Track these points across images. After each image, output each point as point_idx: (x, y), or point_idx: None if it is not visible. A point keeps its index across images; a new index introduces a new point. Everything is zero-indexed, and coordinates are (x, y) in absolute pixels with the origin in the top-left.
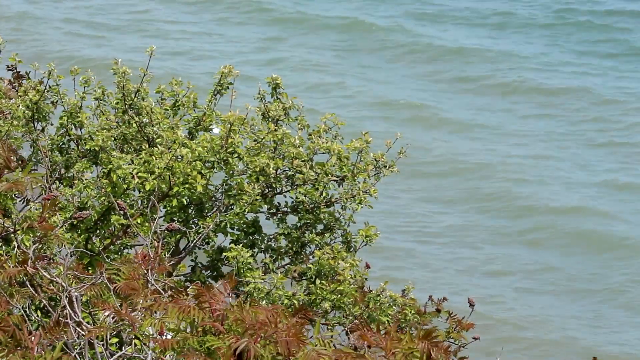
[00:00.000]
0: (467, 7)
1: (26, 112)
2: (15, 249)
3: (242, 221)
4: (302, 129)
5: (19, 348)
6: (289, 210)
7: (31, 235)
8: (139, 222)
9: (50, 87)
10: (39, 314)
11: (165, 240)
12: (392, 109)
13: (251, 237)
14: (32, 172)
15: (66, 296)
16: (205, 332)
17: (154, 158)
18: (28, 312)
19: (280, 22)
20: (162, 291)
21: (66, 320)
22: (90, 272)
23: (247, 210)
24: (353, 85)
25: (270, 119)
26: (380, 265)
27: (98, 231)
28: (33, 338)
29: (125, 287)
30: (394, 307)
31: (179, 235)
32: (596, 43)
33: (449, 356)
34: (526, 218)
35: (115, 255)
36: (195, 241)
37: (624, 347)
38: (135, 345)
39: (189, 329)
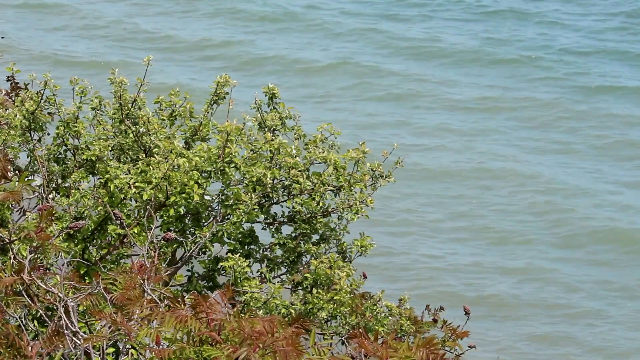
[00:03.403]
0: None
1: (23, 121)
2: (12, 258)
3: (238, 231)
4: (299, 139)
5: (17, 357)
6: (285, 220)
7: (27, 245)
8: (135, 231)
9: (41, 92)
10: (36, 324)
11: (162, 250)
12: None
13: (247, 247)
14: (27, 180)
15: (62, 306)
16: (202, 342)
17: (151, 168)
18: (24, 321)
19: None
20: (158, 301)
21: (62, 330)
22: (86, 282)
23: (244, 220)
24: None
25: (266, 129)
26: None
27: (95, 241)
28: (31, 347)
29: (121, 297)
30: (389, 317)
31: (175, 245)
32: None
33: None
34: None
35: (112, 265)
36: (191, 251)
37: None
38: (132, 355)
39: (185, 339)
